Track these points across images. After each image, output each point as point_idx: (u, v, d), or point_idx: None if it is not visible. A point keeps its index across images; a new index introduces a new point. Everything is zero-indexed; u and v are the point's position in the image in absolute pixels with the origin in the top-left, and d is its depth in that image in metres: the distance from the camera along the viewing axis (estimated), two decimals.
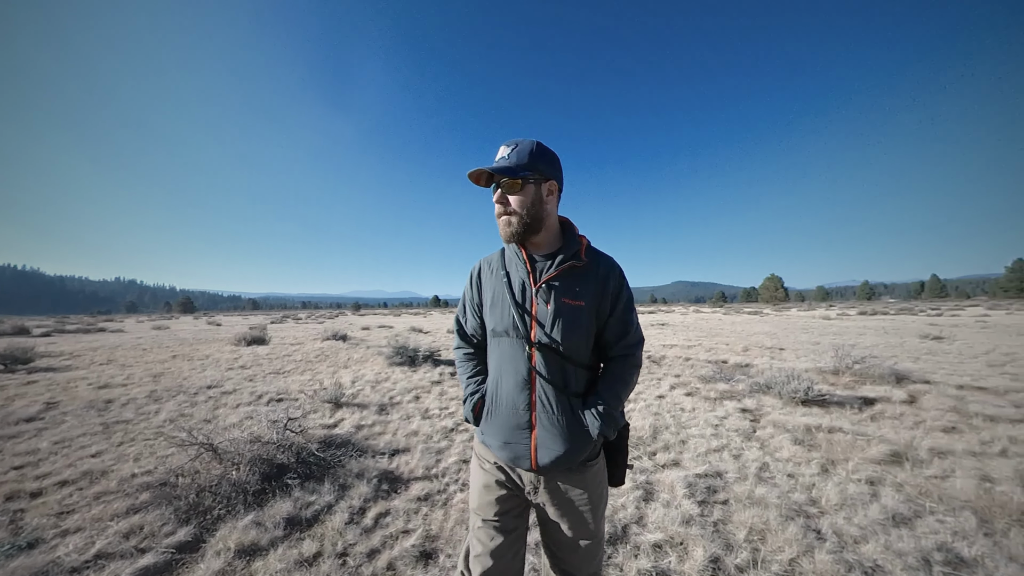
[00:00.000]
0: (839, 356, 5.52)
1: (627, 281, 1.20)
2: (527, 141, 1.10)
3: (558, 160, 1.16)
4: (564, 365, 1.11)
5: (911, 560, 1.82)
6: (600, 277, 1.15)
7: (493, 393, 1.20)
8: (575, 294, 1.12)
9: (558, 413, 1.10)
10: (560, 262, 1.14)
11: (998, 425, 3.49)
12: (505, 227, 1.13)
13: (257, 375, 6.27)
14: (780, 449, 3.09)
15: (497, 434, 1.17)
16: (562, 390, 1.10)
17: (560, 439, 1.10)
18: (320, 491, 2.48)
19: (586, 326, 1.12)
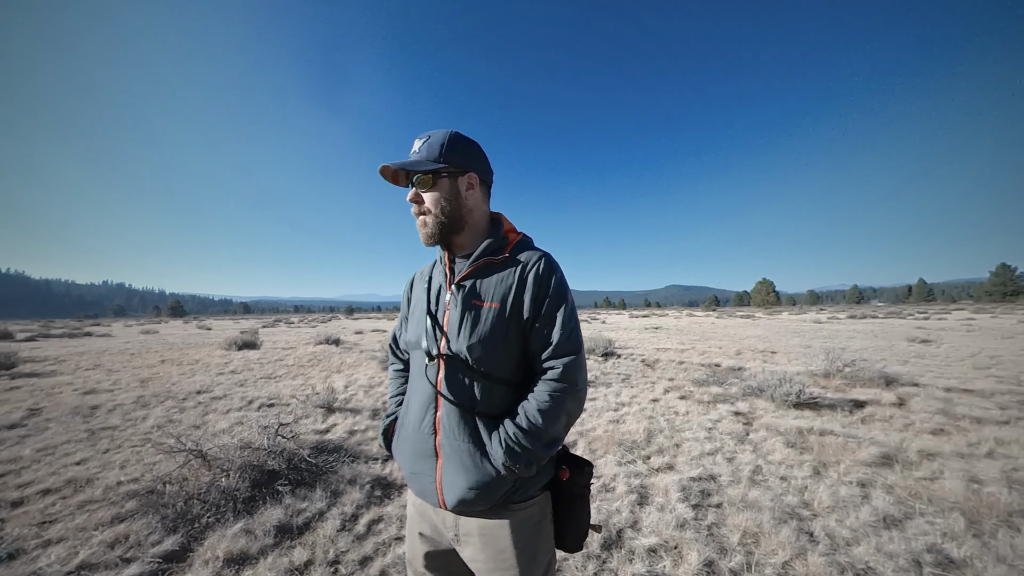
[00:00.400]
0: (830, 359, 5.59)
1: (559, 278, 0.96)
2: (440, 132, 0.97)
3: (478, 149, 1.02)
4: (474, 380, 0.92)
5: (902, 562, 1.83)
6: (517, 271, 0.95)
7: (404, 413, 1.05)
8: (488, 294, 0.95)
9: (461, 438, 0.90)
10: (475, 258, 0.98)
11: (985, 427, 3.55)
12: (421, 228, 0.99)
13: (248, 380, 6.19)
14: (773, 452, 3.12)
15: (405, 461, 1.00)
16: (468, 410, 0.91)
17: (463, 471, 0.89)
18: (312, 498, 2.44)
19: (501, 332, 0.92)
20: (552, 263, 0.97)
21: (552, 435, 0.89)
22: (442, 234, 0.98)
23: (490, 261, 0.98)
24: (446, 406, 0.93)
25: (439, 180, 0.96)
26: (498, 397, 0.93)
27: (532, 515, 0.93)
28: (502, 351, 0.92)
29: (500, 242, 1.00)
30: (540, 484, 0.95)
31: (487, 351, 0.91)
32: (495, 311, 0.93)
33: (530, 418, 0.88)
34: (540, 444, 0.87)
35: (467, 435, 0.91)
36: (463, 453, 0.90)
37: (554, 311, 0.93)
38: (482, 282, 0.97)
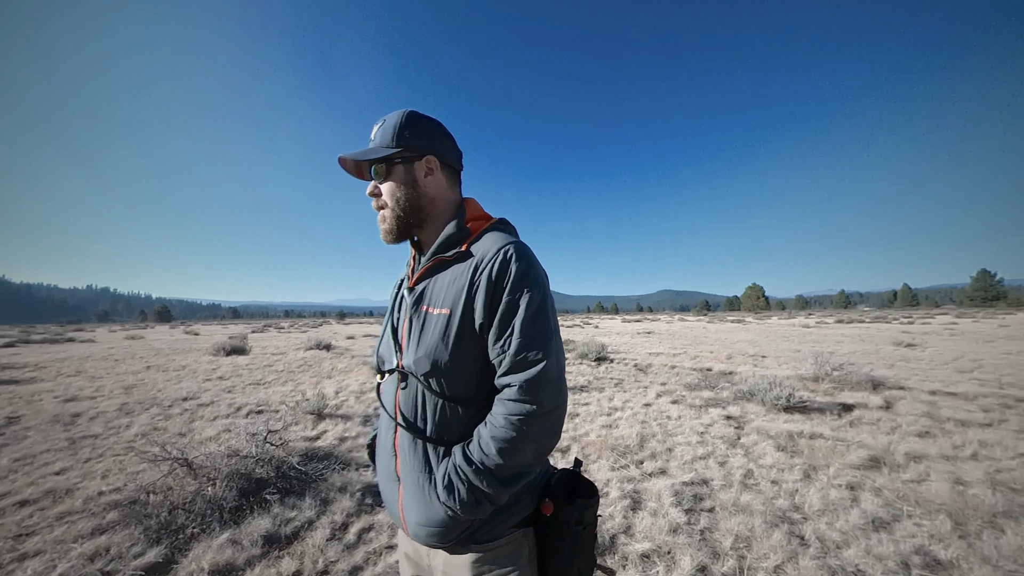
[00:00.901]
0: (818, 363, 5.67)
1: (522, 272, 0.76)
2: (395, 113, 0.85)
3: (438, 128, 0.88)
4: (428, 399, 0.79)
5: (891, 564, 1.85)
6: (470, 269, 0.79)
7: (379, 431, 0.95)
8: (438, 299, 0.81)
9: (413, 466, 0.79)
10: (429, 256, 0.86)
11: (969, 429, 3.62)
12: (380, 224, 0.87)
13: (236, 386, 6.08)
14: (764, 456, 3.14)
15: (380, 481, 0.90)
16: (418, 434, 0.78)
17: (415, 503, 0.77)
18: (301, 506, 2.40)
19: (451, 343, 0.76)
20: (515, 254, 0.77)
21: (512, 469, 0.72)
22: (400, 229, 0.87)
23: (443, 258, 0.83)
24: (401, 427, 0.81)
25: (393, 168, 0.85)
26: (454, 420, 0.78)
27: (502, 557, 0.77)
28: (456, 365, 0.77)
29: (458, 235, 0.85)
30: (513, 521, 0.78)
31: (436, 365, 0.76)
32: (443, 318, 0.78)
33: (482, 448, 0.72)
34: (493, 481, 0.70)
35: (418, 463, 0.78)
36: (415, 484, 0.78)
37: (511, 314, 0.75)
38: (434, 284, 0.84)
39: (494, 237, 0.83)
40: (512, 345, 0.74)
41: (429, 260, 0.85)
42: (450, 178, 0.91)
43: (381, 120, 0.87)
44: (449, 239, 0.85)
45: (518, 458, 0.72)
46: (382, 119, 0.86)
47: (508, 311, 0.75)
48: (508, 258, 0.76)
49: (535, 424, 0.72)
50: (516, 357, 0.74)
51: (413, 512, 0.78)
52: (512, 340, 0.74)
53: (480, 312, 0.76)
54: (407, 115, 0.85)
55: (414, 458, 0.79)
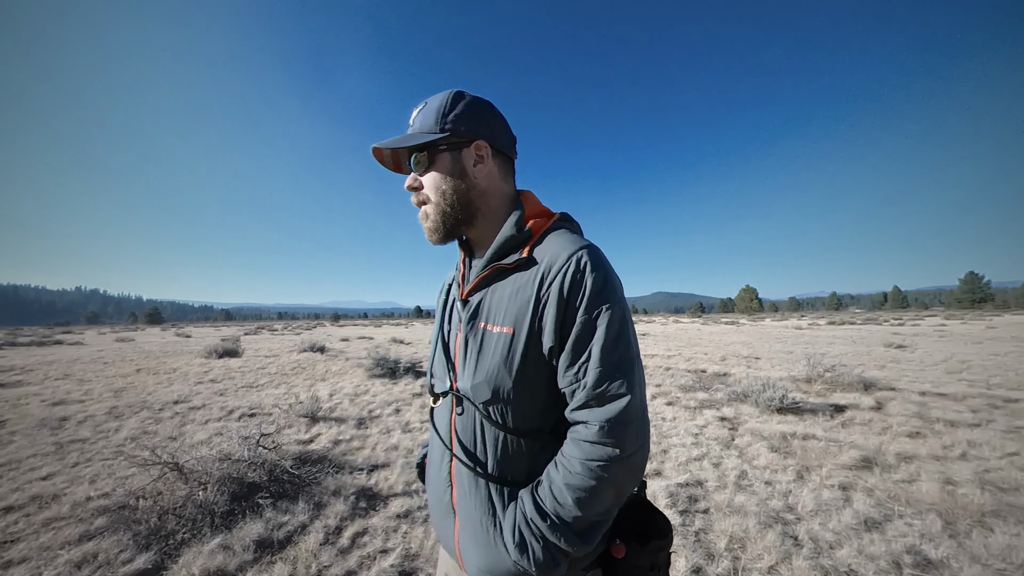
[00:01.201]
0: (811, 365, 5.72)
1: (599, 284, 0.63)
2: (439, 95, 0.73)
3: (488, 109, 0.75)
4: (487, 430, 0.68)
5: (883, 563, 1.87)
6: (535, 280, 0.66)
7: (429, 454, 0.84)
8: (498, 315, 0.69)
9: (474, 504, 0.68)
10: (484, 264, 0.73)
11: (958, 430, 3.67)
12: (423, 222, 0.76)
13: (228, 389, 6.01)
14: (758, 457, 3.16)
15: (431, 506, 0.80)
16: (480, 471, 0.67)
17: (475, 545, 0.67)
18: (294, 510, 2.37)
19: (515, 369, 0.65)
20: (589, 262, 0.64)
21: (589, 520, 0.61)
22: (447, 227, 0.74)
23: (502, 266, 0.71)
24: (458, 458, 0.70)
25: (437, 156, 0.72)
26: (518, 456, 0.67)
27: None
28: (520, 393, 0.65)
29: (518, 237, 0.71)
30: (581, 565, 0.66)
31: (497, 393, 0.65)
32: (505, 338, 0.66)
33: (555, 496, 0.61)
34: (571, 535, 0.60)
35: (479, 502, 0.67)
36: (476, 523, 0.67)
37: (587, 337, 0.62)
38: (492, 296, 0.71)
39: (561, 239, 0.69)
40: (590, 375, 0.62)
41: (485, 267, 0.72)
42: (503, 167, 0.77)
43: (422, 103, 0.73)
44: (508, 242, 0.71)
45: (597, 507, 0.61)
46: (423, 102, 0.73)
47: (584, 333, 0.63)
48: (582, 267, 0.63)
49: (617, 469, 0.60)
50: (595, 390, 0.61)
51: (474, 555, 0.68)
52: (589, 369, 0.62)
53: (549, 333, 0.64)
54: (453, 95, 0.72)
55: (476, 497, 0.68)
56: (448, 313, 0.82)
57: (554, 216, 0.77)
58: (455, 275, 0.85)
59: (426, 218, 0.75)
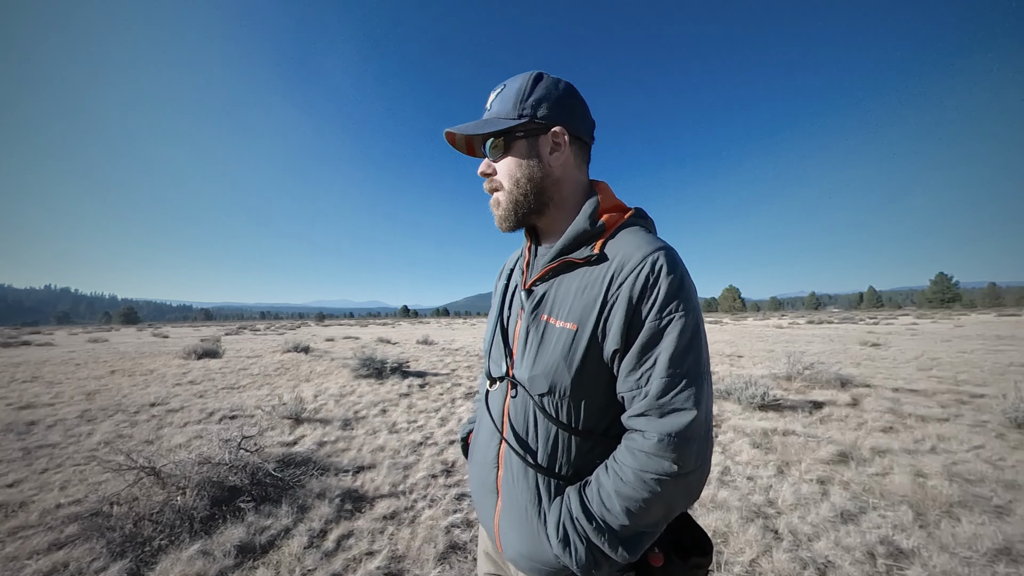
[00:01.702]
0: (791, 363, 5.87)
1: (673, 289, 0.61)
2: (519, 77, 0.71)
3: (569, 93, 0.71)
4: (539, 421, 0.68)
5: (858, 554, 1.93)
6: (606, 278, 0.64)
7: (476, 432, 0.84)
8: (563, 309, 0.67)
9: (520, 491, 0.68)
10: (554, 254, 0.72)
11: (928, 424, 3.82)
12: (494, 209, 0.74)
13: (208, 391, 5.85)
14: (740, 453, 3.23)
15: (472, 484, 0.81)
16: (530, 460, 0.67)
17: (517, 529, 0.68)
18: (277, 514, 2.32)
19: (575, 366, 0.64)
20: (665, 265, 0.61)
21: (635, 530, 0.60)
22: (519, 216, 0.72)
23: (571, 260, 0.69)
24: (509, 443, 0.70)
25: (514, 143, 0.70)
26: (569, 452, 0.66)
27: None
28: (578, 390, 0.64)
29: (591, 231, 0.69)
30: (619, 566, 0.63)
31: (554, 388, 0.65)
32: (568, 334, 0.65)
33: (604, 501, 0.60)
34: (615, 542, 0.59)
35: (526, 490, 0.67)
36: (520, 508, 0.68)
37: (654, 343, 0.60)
38: (558, 290, 0.70)
39: (636, 238, 0.66)
40: (653, 384, 0.59)
41: (554, 259, 0.71)
42: (579, 154, 0.74)
43: (501, 85, 0.72)
44: (580, 235, 0.69)
45: (645, 519, 0.59)
46: (502, 84, 0.72)
47: (652, 339, 0.60)
48: (657, 270, 0.61)
49: (671, 486, 0.58)
50: (657, 400, 0.59)
51: (515, 539, 0.68)
52: (654, 377, 0.59)
53: (615, 335, 0.62)
54: (533, 78, 0.70)
55: (524, 484, 0.68)
56: (510, 299, 0.81)
57: (629, 211, 0.74)
58: (518, 260, 0.83)
59: (497, 205, 0.73)
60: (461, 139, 0.77)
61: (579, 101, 0.73)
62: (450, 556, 2.01)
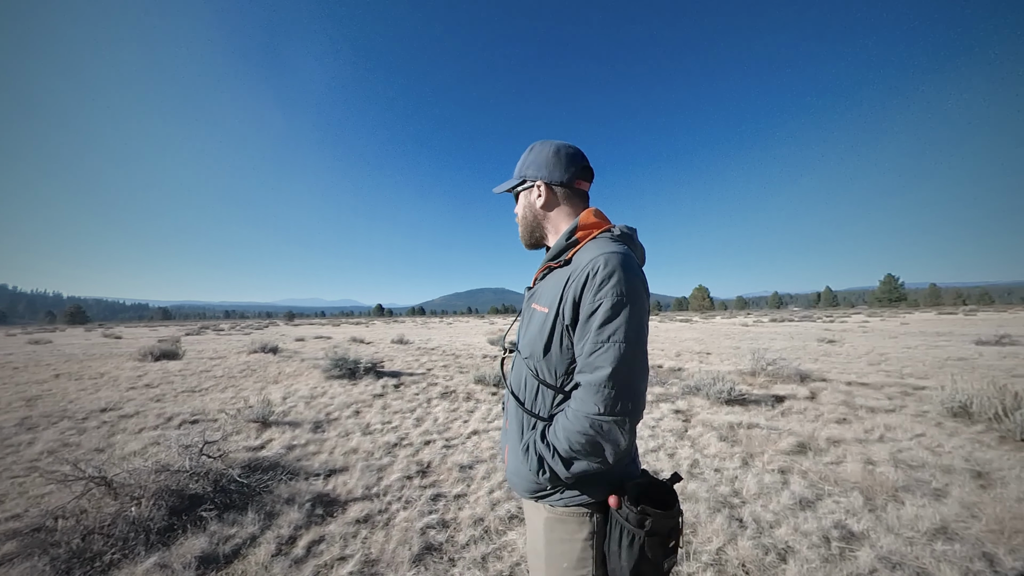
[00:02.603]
0: (755, 359, 6.16)
1: (614, 280, 0.80)
2: (528, 150, 1.08)
3: (544, 153, 1.04)
4: (527, 377, 0.97)
5: (815, 539, 2.05)
6: (566, 275, 0.90)
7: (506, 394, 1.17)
8: (543, 298, 0.97)
9: (512, 427, 1.01)
10: (543, 263, 1.03)
11: (877, 415, 4.10)
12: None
13: (167, 394, 5.53)
14: (708, 446, 3.36)
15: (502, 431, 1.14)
16: (519, 403, 0.99)
17: (512, 455, 1.00)
18: (242, 522, 2.22)
19: (547, 337, 0.91)
20: (610, 262, 0.82)
21: (572, 458, 0.83)
22: (528, 241, 1.11)
23: (551, 265, 0.99)
24: (508, 391, 1.05)
25: (519, 194, 1.10)
26: (545, 400, 0.94)
27: (566, 526, 0.89)
28: (547, 356, 0.92)
29: (565, 246, 0.96)
30: (580, 500, 0.88)
31: (532, 353, 0.95)
32: (542, 315, 0.95)
33: (556, 431, 0.86)
34: (557, 461, 0.84)
35: (516, 425, 0.99)
36: (515, 440, 0.99)
37: (589, 315, 0.82)
38: (543, 286, 1.01)
39: (596, 246, 0.90)
40: (586, 347, 0.83)
41: (543, 265, 1.02)
42: (565, 195, 1.04)
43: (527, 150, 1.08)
44: (559, 250, 0.97)
45: (576, 447, 0.82)
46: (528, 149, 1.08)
47: (588, 315, 0.83)
48: (596, 267, 0.84)
49: (595, 426, 0.80)
50: (587, 359, 0.83)
51: (511, 462, 0.99)
52: (587, 343, 0.83)
53: (568, 313, 0.88)
54: (530, 150, 1.07)
55: (515, 421, 0.99)
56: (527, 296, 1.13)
57: (602, 227, 0.97)
58: None
59: (521, 234, 1.12)
60: None
61: (563, 159, 1.02)
62: (425, 558, 1.99)
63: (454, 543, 2.11)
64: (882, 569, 1.82)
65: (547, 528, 0.91)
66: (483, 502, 2.51)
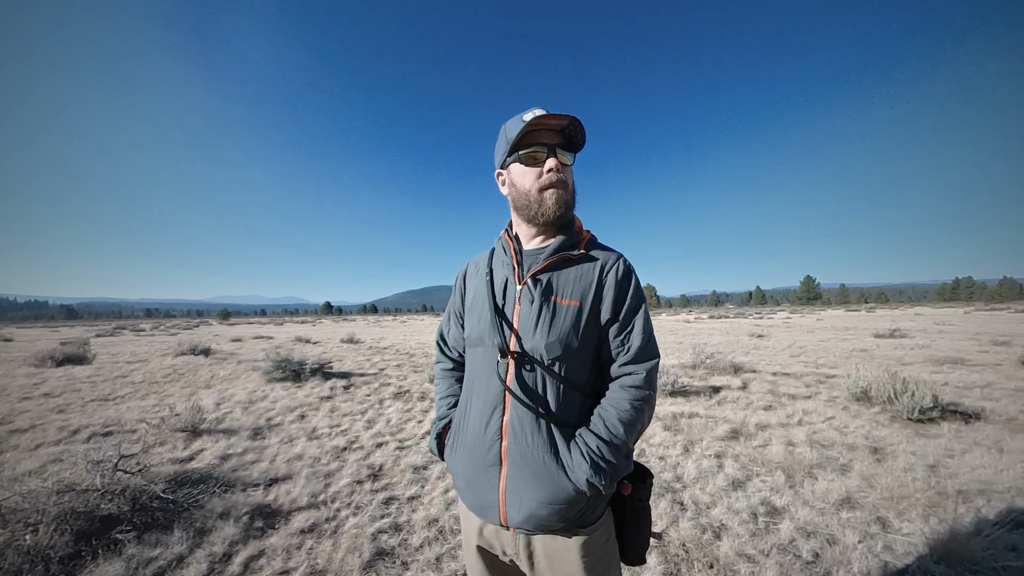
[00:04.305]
0: (696, 353, 6.63)
1: (637, 281, 0.92)
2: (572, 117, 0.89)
3: None
4: (547, 382, 0.86)
5: (744, 516, 2.26)
6: (596, 270, 0.91)
7: (461, 416, 0.96)
8: (567, 291, 0.90)
9: (534, 446, 0.83)
10: (552, 251, 0.92)
11: (797, 401, 4.58)
12: (554, 198, 0.91)
13: (72, 404, 4.85)
14: (654, 436, 3.57)
15: (462, 471, 0.92)
16: (543, 415, 0.83)
17: (535, 484, 0.81)
18: (167, 542, 2.01)
19: (580, 333, 0.87)
20: (630, 265, 0.94)
21: (630, 448, 0.85)
22: (564, 213, 0.94)
23: (567, 256, 0.92)
24: (516, 408, 0.85)
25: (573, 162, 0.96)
26: (572, 403, 0.87)
27: (599, 537, 0.87)
28: (579, 353, 0.87)
29: (575, 237, 0.95)
30: (604, 503, 0.88)
31: (565, 351, 0.86)
32: (574, 309, 0.88)
33: (611, 429, 0.82)
34: (621, 457, 0.82)
35: (541, 442, 0.83)
36: (536, 462, 0.82)
37: (633, 314, 0.90)
38: (559, 277, 0.92)
39: (606, 248, 0.97)
40: (636, 340, 0.88)
41: (554, 255, 0.92)
42: None
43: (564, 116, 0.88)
44: (571, 240, 0.94)
45: (633, 437, 0.85)
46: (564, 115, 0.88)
47: (631, 311, 0.90)
48: (628, 268, 0.93)
49: (648, 408, 0.86)
50: (640, 350, 0.88)
51: (532, 492, 0.82)
52: (636, 335, 0.88)
53: (607, 309, 0.89)
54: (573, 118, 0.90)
55: (538, 438, 0.83)
56: (502, 289, 0.97)
57: (588, 231, 1.01)
58: (502, 258, 1.00)
59: (562, 198, 0.92)
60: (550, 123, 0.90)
61: None
62: (377, 563, 1.92)
63: (407, 546, 2.06)
64: (799, 538, 2.05)
65: (588, 555, 0.84)
66: (438, 502, 2.48)
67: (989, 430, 3.44)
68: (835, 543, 2.00)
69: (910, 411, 3.69)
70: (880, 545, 1.98)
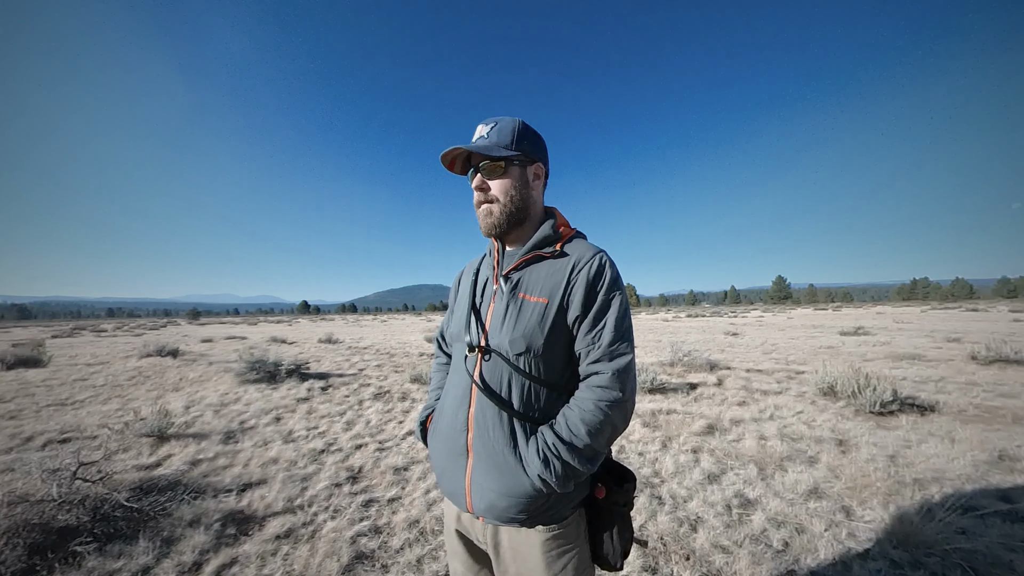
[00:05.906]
0: (674, 351, 6.79)
1: (614, 276, 0.88)
2: (508, 119, 0.93)
3: (543, 141, 1.00)
4: (512, 378, 0.87)
5: (719, 508, 2.33)
6: (568, 267, 0.89)
7: (440, 407, 1.00)
8: (535, 288, 0.90)
9: (495, 439, 0.85)
10: (526, 251, 0.94)
11: (768, 397, 4.76)
12: (485, 218, 0.94)
13: (24, 409, 4.55)
14: (633, 432, 3.64)
15: (437, 458, 0.96)
16: (504, 409, 0.85)
17: (496, 475, 0.84)
18: (131, 552, 1.92)
19: (546, 329, 0.86)
20: (608, 261, 0.89)
21: (594, 450, 0.82)
22: (507, 224, 0.94)
23: (540, 254, 0.93)
24: (481, 401, 0.87)
25: (510, 168, 0.92)
26: (539, 400, 0.87)
27: (564, 537, 0.85)
28: (547, 350, 0.86)
29: (553, 236, 0.95)
30: (574, 503, 0.87)
31: (530, 347, 0.85)
32: (541, 306, 0.87)
33: (571, 428, 0.80)
34: (581, 459, 0.80)
35: (501, 436, 0.84)
36: (496, 454, 0.84)
37: (605, 310, 0.86)
38: (531, 275, 0.92)
39: (583, 244, 0.94)
40: (604, 338, 0.85)
41: (527, 253, 0.93)
42: (544, 186, 1.02)
43: (492, 121, 0.93)
44: (546, 238, 0.94)
45: (599, 440, 0.81)
46: (493, 120, 0.93)
47: (602, 308, 0.86)
48: (603, 264, 0.88)
49: (616, 411, 0.82)
50: (608, 348, 0.84)
51: (491, 482, 0.84)
52: (604, 333, 0.85)
53: (576, 306, 0.86)
54: (522, 123, 0.94)
55: (498, 432, 0.84)
56: (482, 288, 1.01)
57: (574, 229, 1.01)
58: (487, 259, 1.05)
59: (489, 215, 0.93)
60: (449, 157, 0.94)
61: (546, 147, 1.01)
62: (356, 567, 1.89)
63: (387, 548, 2.03)
64: (770, 528, 2.13)
65: (545, 549, 0.84)
66: (419, 503, 2.46)
67: (942, 421, 3.66)
68: (803, 532, 2.09)
69: (872, 405, 3.89)
70: (844, 532, 2.08)
